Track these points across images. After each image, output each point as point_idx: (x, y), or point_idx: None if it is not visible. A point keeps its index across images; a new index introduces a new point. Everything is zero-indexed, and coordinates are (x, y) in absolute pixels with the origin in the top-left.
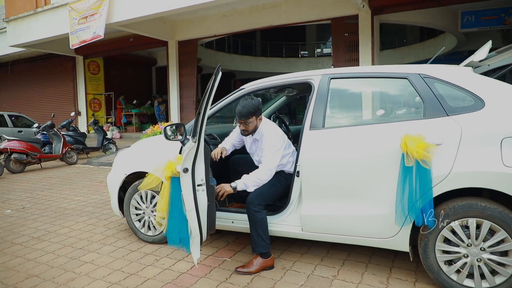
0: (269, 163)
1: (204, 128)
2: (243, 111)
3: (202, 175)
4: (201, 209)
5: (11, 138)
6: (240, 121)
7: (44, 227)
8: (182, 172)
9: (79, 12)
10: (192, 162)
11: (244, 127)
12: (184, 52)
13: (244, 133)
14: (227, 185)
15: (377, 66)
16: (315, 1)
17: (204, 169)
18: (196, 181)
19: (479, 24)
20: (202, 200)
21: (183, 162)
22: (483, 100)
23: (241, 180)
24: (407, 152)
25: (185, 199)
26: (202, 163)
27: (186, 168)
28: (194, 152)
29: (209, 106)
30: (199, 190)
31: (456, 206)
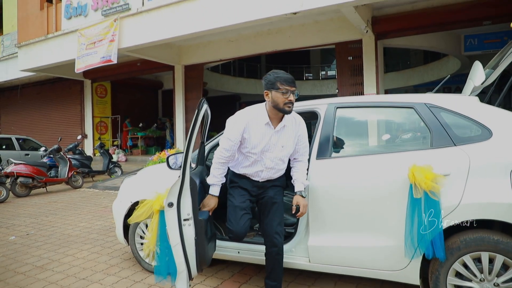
0: (308, 153)
1: (189, 162)
2: (291, 77)
3: (189, 209)
4: (187, 244)
5: (18, 162)
6: (290, 88)
7: (48, 255)
8: (167, 206)
9: (88, 38)
10: (177, 196)
11: (293, 98)
12: (190, 76)
13: (290, 108)
14: (300, 198)
15: (383, 96)
16: (319, 26)
17: (191, 203)
18: (182, 215)
19: (482, 47)
20: (189, 235)
21: (167, 196)
22: (491, 130)
23: (301, 183)
24: (415, 183)
25: (170, 234)
26: (189, 197)
27: (171, 203)
28: (178, 186)
29: (193, 140)
30: (186, 224)
31: (468, 239)
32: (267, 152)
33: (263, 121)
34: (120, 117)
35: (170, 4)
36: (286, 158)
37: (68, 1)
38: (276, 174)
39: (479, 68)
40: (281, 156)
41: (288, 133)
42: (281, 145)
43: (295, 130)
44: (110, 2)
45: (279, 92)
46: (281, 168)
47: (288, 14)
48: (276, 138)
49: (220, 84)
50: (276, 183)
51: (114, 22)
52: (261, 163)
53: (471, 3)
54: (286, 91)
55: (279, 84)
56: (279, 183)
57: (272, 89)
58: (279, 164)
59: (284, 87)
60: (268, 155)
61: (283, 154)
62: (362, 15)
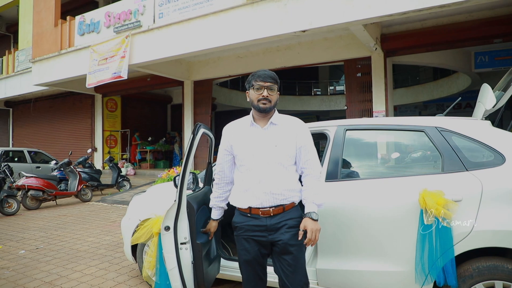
0: (319, 165)
1: (185, 187)
2: (268, 72)
3: (186, 233)
4: (185, 268)
5: (29, 175)
6: (264, 84)
7: (57, 271)
8: (163, 230)
9: (100, 54)
10: (174, 220)
11: (267, 94)
12: (199, 91)
13: (265, 105)
14: (309, 221)
15: (393, 118)
16: (328, 43)
17: (187, 227)
18: (179, 239)
19: (493, 65)
20: (186, 259)
21: (164, 220)
22: (504, 156)
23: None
24: (425, 209)
25: (166, 257)
26: (186, 221)
27: (167, 226)
28: (175, 210)
29: (189, 165)
30: (182, 248)
31: (481, 266)
32: (260, 154)
33: (248, 124)
34: (129, 131)
35: (181, 21)
36: (286, 161)
37: (81, 18)
38: (278, 192)
39: (489, 91)
40: (277, 158)
41: (281, 131)
42: (274, 144)
43: (291, 129)
44: (122, 19)
45: (253, 89)
46: (285, 181)
47: (297, 32)
48: (266, 137)
49: (228, 99)
50: (289, 219)
51: (125, 39)
52: (256, 171)
53: (481, 21)
54: (260, 87)
55: (253, 81)
56: (294, 221)
57: (249, 88)
58: (279, 171)
59: (257, 83)
60: (261, 158)
61: (280, 156)
62: (371, 33)
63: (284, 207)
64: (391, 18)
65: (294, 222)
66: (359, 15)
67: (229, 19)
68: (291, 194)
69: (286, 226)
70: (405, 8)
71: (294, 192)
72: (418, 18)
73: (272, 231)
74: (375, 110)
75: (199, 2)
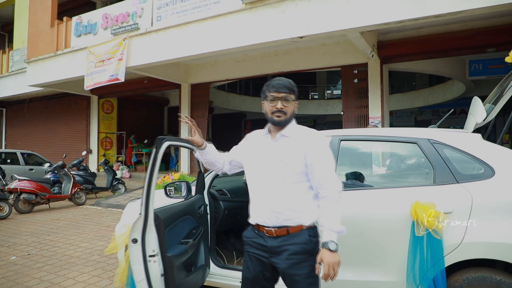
0: (336, 182)
1: (152, 199)
2: (282, 82)
3: (154, 246)
4: (154, 281)
5: (22, 178)
6: (278, 94)
7: (49, 278)
8: (131, 242)
9: (97, 55)
10: (142, 232)
11: (282, 106)
12: (197, 94)
13: (279, 118)
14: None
15: (388, 129)
16: (325, 49)
17: (156, 240)
18: (147, 252)
19: (487, 72)
20: (155, 271)
21: (131, 233)
22: (493, 169)
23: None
24: (417, 221)
25: (134, 270)
26: (154, 233)
27: (135, 239)
28: (141, 222)
29: (153, 179)
30: (151, 261)
31: (470, 277)
32: (263, 168)
33: (264, 133)
34: (125, 133)
35: (179, 25)
36: (290, 177)
37: (78, 19)
38: (279, 211)
39: (479, 104)
40: (280, 174)
41: (289, 144)
42: (279, 158)
43: (301, 142)
44: (120, 22)
45: (267, 100)
46: (288, 199)
47: (295, 38)
48: (273, 149)
49: (226, 102)
50: (292, 244)
51: (123, 41)
52: (260, 185)
53: (475, 30)
54: (273, 98)
55: (267, 91)
56: (297, 247)
57: (264, 99)
58: (281, 188)
59: (271, 93)
60: (264, 172)
61: (283, 171)
62: (368, 40)
63: (288, 229)
64: (388, 26)
65: (297, 248)
66: (356, 22)
67: (227, 24)
68: (296, 215)
69: (287, 252)
70: (401, 17)
71: (301, 213)
72: (414, 26)
73: (273, 253)
74: (371, 116)
75: (197, 6)
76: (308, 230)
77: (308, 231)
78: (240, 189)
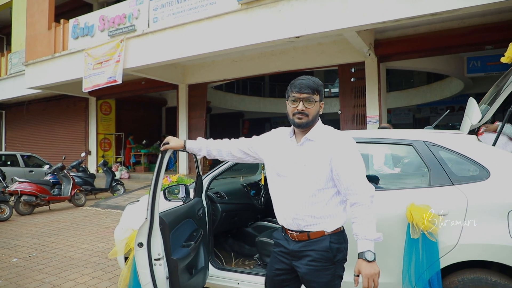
0: (367, 188)
1: (157, 203)
2: (306, 81)
3: (159, 249)
4: (159, 284)
5: (22, 180)
6: (299, 95)
7: (49, 280)
8: (136, 246)
9: (95, 58)
10: (147, 236)
11: (303, 107)
12: (194, 95)
13: (300, 120)
14: (363, 264)
15: (384, 131)
16: (322, 48)
17: (161, 243)
18: (152, 255)
19: (485, 69)
20: (160, 274)
21: (136, 237)
22: (488, 170)
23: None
24: (412, 223)
25: (141, 273)
26: (159, 237)
27: (140, 243)
28: (147, 227)
29: (159, 185)
30: (157, 264)
31: (466, 279)
32: (287, 172)
33: (288, 135)
34: (124, 134)
35: (175, 26)
36: (314, 184)
37: (75, 22)
38: (301, 217)
39: (475, 106)
40: (304, 180)
41: (314, 149)
42: (304, 163)
43: (326, 147)
44: (117, 23)
45: (289, 101)
46: (311, 207)
47: (292, 38)
48: (298, 154)
49: (223, 102)
50: (313, 250)
51: (120, 43)
52: (283, 190)
53: (473, 27)
54: (295, 99)
55: (290, 91)
56: (318, 254)
57: (287, 99)
58: (304, 195)
59: (292, 94)
60: (288, 177)
61: (308, 177)
62: (365, 39)
63: (308, 234)
64: (384, 25)
65: (317, 255)
66: (352, 22)
67: (223, 25)
68: (318, 221)
69: (308, 258)
70: (397, 16)
71: (324, 219)
72: (411, 25)
73: (294, 257)
74: (368, 115)
75: (193, 7)
76: (330, 236)
77: (330, 237)
78: (237, 191)
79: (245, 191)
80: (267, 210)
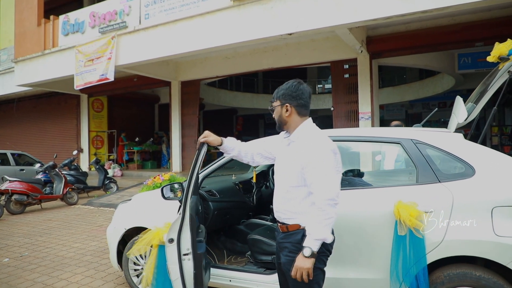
0: (325, 190)
1: (189, 201)
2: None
3: (188, 244)
4: (187, 278)
5: (13, 179)
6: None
7: (42, 279)
8: (167, 242)
9: (86, 54)
10: (178, 232)
11: (273, 115)
12: (187, 92)
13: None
14: (301, 259)
15: (372, 129)
16: (315, 45)
17: (190, 238)
18: (182, 250)
19: (476, 66)
20: (188, 269)
21: (168, 233)
22: (474, 168)
23: (308, 235)
24: (400, 220)
25: (171, 269)
26: (188, 232)
27: (171, 239)
28: (179, 222)
29: (193, 180)
30: (185, 259)
31: (451, 274)
32: (277, 169)
33: (284, 136)
34: (116, 131)
35: (167, 22)
36: (289, 181)
37: (65, 18)
38: (280, 211)
39: (461, 104)
40: (283, 177)
41: (294, 149)
42: (285, 162)
43: (300, 147)
44: (108, 20)
45: None
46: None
47: (284, 35)
48: (285, 153)
49: (217, 98)
50: (289, 242)
51: (111, 40)
52: (275, 183)
53: (463, 24)
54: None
55: None
56: (293, 246)
57: None
58: (283, 190)
59: None
60: (276, 173)
61: (285, 175)
62: (357, 36)
63: (287, 226)
64: (376, 22)
65: (293, 247)
66: (344, 19)
67: (215, 21)
68: (294, 216)
69: (287, 250)
70: (389, 13)
71: (299, 215)
72: (402, 22)
73: (278, 248)
74: (361, 111)
75: (185, 4)
76: (304, 230)
77: (303, 231)
78: (229, 190)
79: (237, 189)
80: (259, 207)
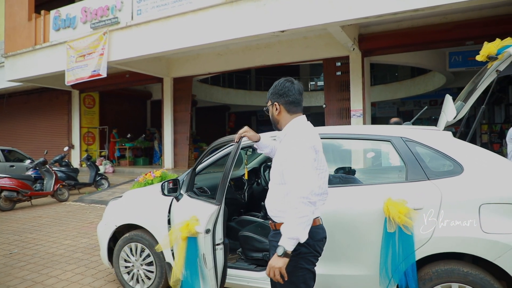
0: (298, 187)
1: (224, 194)
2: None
3: (221, 234)
4: (219, 267)
5: (2, 175)
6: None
7: (31, 277)
8: (204, 233)
9: (77, 50)
10: (214, 223)
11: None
12: (179, 88)
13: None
14: (274, 258)
15: (363, 127)
16: (307, 42)
17: (222, 229)
18: (215, 240)
19: (466, 64)
20: (220, 258)
21: (206, 224)
22: (462, 166)
23: (283, 235)
24: (389, 217)
25: (207, 259)
26: (221, 223)
27: (208, 229)
28: (216, 214)
29: (230, 173)
30: (218, 249)
31: (439, 270)
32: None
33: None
34: (108, 127)
35: (159, 18)
36: (274, 179)
37: (56, 13)
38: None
39: (450, 103)
40: (271, 176)
41: (279, 148)
42: (273, 161)
43: (282, 146)
44: (99, 15)
45: None
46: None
47: (276, 32)
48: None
49: (209, 95)
50: (275, 241)
51: (103, 36)
52: None
53: (454, 23)
54: None
55: None
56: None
57: None
58: (272, 188)
59: None
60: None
61: (271, 175)
62: (349, 33)
63: (275, 224)
64: (368, 20)
65: (274, 238)
66: (337, 16)
67: (207, 18)
68: (280, 214)
69: (274, 248)
70: (380, 11)
71: (284, 213)
72: (394, 20)
73: (270, 246)
74: (352, 108)
75: (178, 0)
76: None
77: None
78: None
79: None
80: (250, 204)
